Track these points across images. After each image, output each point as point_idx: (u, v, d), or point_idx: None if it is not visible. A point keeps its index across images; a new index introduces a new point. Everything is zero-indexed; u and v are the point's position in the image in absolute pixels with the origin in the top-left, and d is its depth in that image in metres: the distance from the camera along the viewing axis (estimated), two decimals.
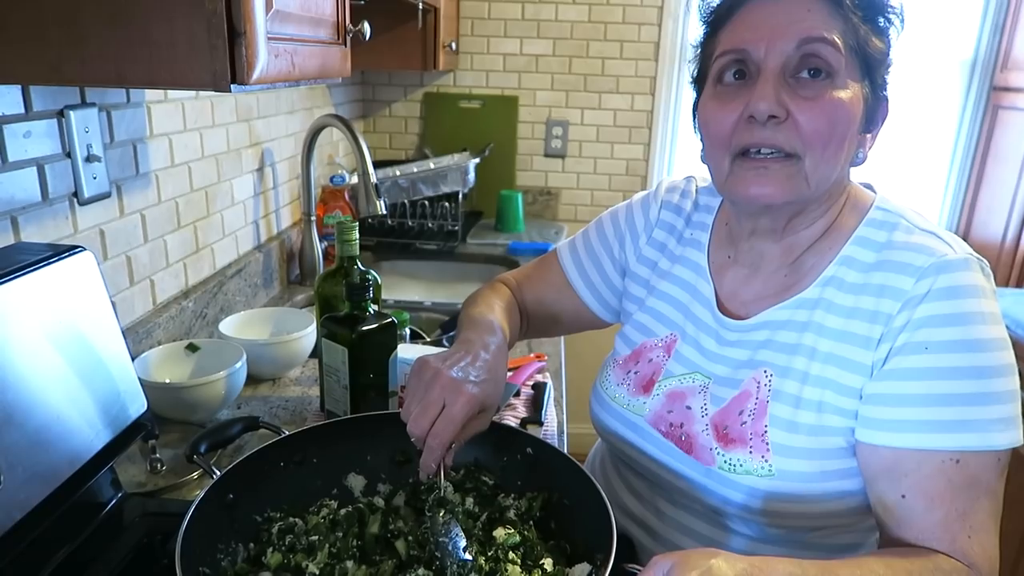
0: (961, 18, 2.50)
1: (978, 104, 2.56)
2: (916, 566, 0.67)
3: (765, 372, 0.82)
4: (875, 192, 0.87)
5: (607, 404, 0.96)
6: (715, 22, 0.82)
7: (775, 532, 0.83)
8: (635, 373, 0.94)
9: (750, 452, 0.80)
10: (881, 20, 0.77)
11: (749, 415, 0.82)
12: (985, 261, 0.77)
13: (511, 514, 0.77)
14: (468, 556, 0.68)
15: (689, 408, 0.87)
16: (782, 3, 0.76)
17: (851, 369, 0.77)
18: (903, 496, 0.72)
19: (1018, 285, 2.33)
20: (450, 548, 0.69)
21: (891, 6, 0.78)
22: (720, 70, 0.79)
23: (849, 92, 0.75)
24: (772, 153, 0.76)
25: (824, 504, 0.80)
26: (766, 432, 0.80)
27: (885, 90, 0.80)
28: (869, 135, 0.81)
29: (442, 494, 0.76)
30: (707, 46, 0.84)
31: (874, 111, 0.80)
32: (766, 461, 0.79)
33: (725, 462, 0.82)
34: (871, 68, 0.77)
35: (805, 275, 0.84)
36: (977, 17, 2.50)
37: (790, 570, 0.63)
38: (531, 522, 0.77)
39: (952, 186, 2.67)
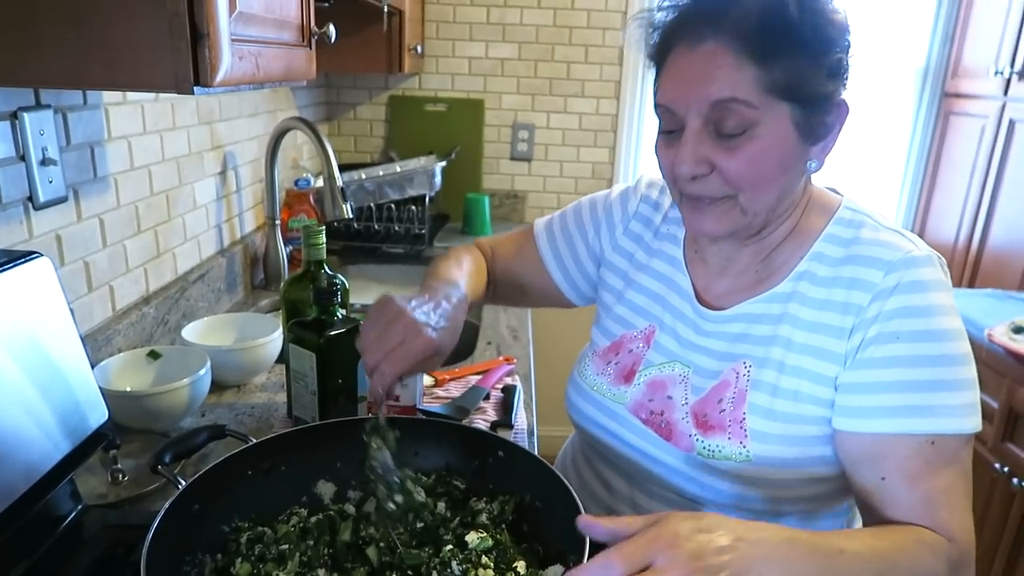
0: (913, 27, 2.58)
1: (930, 111, 2.64)
2: (900, 536, 0.71)
3: (744, 364, 0.86)
4: (841, 195, 0.91)
5: (587, 393, 0.98)
6: (656, 67, 0.84)
7: (750, 519, 0.84)
8: (615, 364, 0.96)
9: (728, 438, 0.83)
10: (809, 51, 0.75)
11: (728, 403, 0.85)
12: (943, 258, 0.82)
13: (483, 518, 0.77)
14: (397, 478, 0.74)
15: (670, 398, 0.89)
16: (698, 53, 0.76)
17: (825, 359, 0.81)
18: (883, 478, 0.76)
19: (970, 285, 2.41)
20: (380, 471, 0.74)
21: (821, 32, 0.75)
22: (659, 118, 0.83)
23: (772, 133, 0.76)
24: (710, 196, 0.80)
25: (798, 490, 0.83)
26: (744, 419, 0.83)
27: (832, 99, 0.79)
28: (818, 145, 0.81)
29: (380, 423, 0.78)
30: (654, 85, 0.85)
31: (815, 126, 0.79)
32: (744, 447, 0.82)
33: (704, 448, 0.85)
34: (798, 96, 0.76)
35: (776, 271, 0.87)
36: (928, 26, 2.57)
37: (784, 534, 0.64)
38: (503, 525, 0.77)
39: (907, 190, 2.75)
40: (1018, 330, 1.82)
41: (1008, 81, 2.25)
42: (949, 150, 2.59)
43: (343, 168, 2.21)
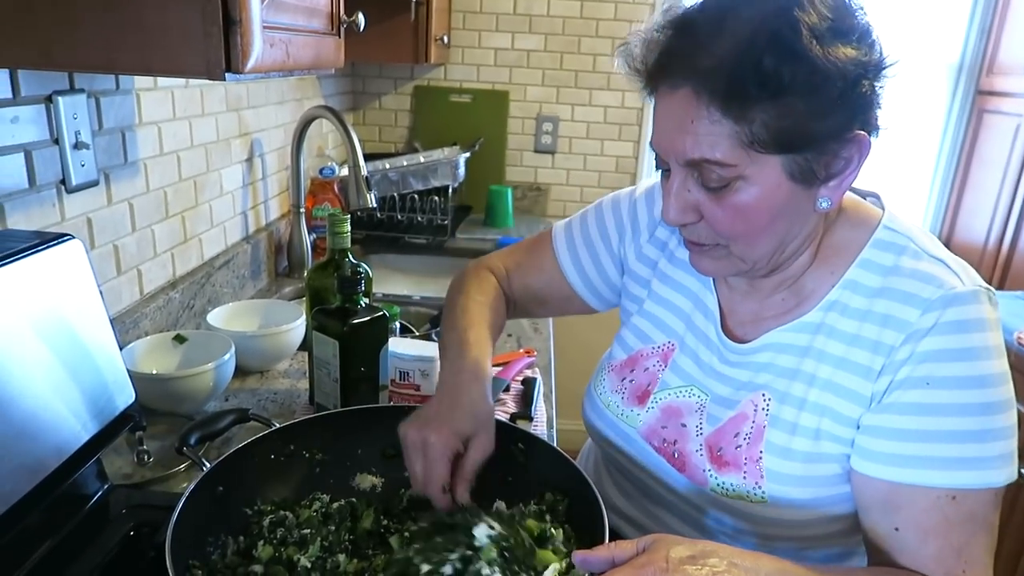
0: (948, 22, 2.53)
1: (963, 108, 2.59)
2: None
3: (764, 396, 0.81)
4: (883, 207, 0.83)
5: (600, 411, 0.95)
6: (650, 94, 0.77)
7: (764, 548, 0.82)
8: (630, 382, 0.93)
9: (744, 477, 0.80)
10: (791, 92, 0.65)
11: (745, 439, 0.81)
12: (992, 290, 0.75)
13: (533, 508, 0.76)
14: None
15: (684, 426, 0.86)
16: (676, 99, 0.70)
17: (850, 398, 0.76)
18: (896, 529, 0.72)
19: (1000, 287, 2.36)
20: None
21: (800, 71, 0.65)
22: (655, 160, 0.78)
23: (760, 185, 0.70)
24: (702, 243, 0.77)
25: (815, 528, 0.80)
26: (761, 458, 0.79)
27: (841, 136, 0.70)
28: (832, 182, 0.73)
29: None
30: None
31: (820, 167, 0.71)
32: (759, 487, 0.79)
33: (718, 485, 0.82)
34: (790, 146, 0.68)
35: (807, 298, 0.81)
36: (964, 21, 2.52)
37: (777, 565, 0.63)
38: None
39: (936, 189, 2.70)
40: None
41: None
42: (981, 148, 2.54)
43: (367, 157, 2.22)
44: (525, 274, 1.05)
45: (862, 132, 0.71)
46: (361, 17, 1.12)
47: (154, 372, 1.11)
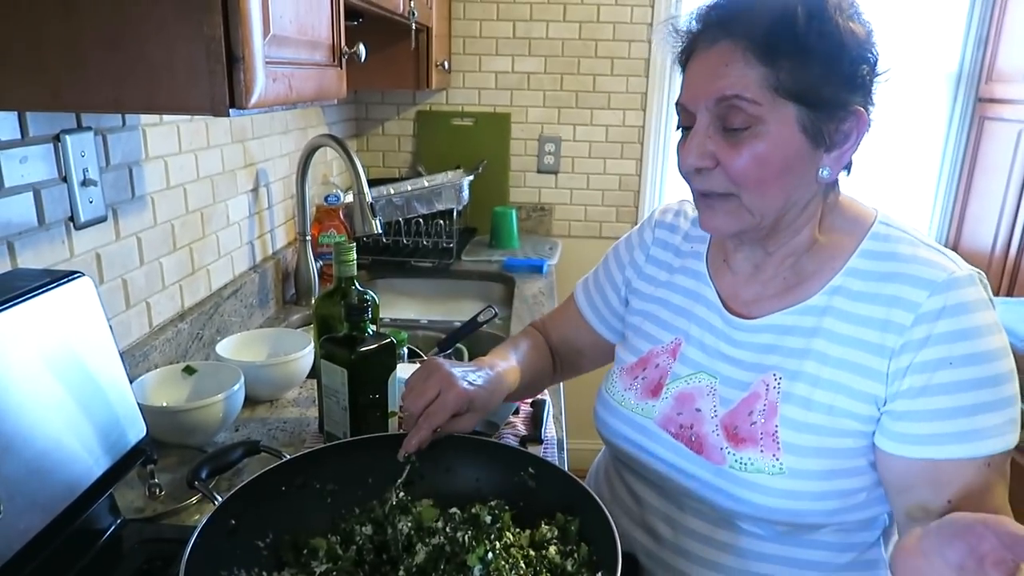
0: (946, 31, 2.54)
1: (964, 116, 2.60)
2: None
3: (775, 376, 0.85)
4: (875, 209, 0.91)
5: (614, 409, 0.98)
6: (682, 69, 0.88)
7: (783, 530, 0.85)
8: (643, 379, 0.96)
9: (761, 451, 0.83)
10: (814, 51, 0.76)
11: (759, 415, 0.85)
12: (983, 274, 0.82)
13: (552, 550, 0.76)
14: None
15: (699, 410, 0.89)
16: (711, 53, 0.80)
17: (864, 374, 0.81)
18: (949, 501, 0.76)
19: (1009, 294, 2.35)
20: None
21: (829, 36, 0.76)
22: (678, 116, 0.87)
23: (777, 133, 0.78)
24: (715, 193, 0.83)
25: (830, 502, 0.82)
26: (777, 431, 0.83)
27: (846, 108, 0.79)
28: (833, 152, 0.81)
29: (401, 479, 0.83)
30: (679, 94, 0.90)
31: (826, 132, 0.79)
32: (777, 459, 0.82)
33: (736, 461, 0.84)
34: (806, 99, 0.77)
35: (807, 280, 0.87)
36: (961, 30, 2.53)
37: None
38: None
39: (941, 197, 2.70)
40: None
41: None
42: (984, 156, 2.54)
43: (372, 183, 2.24)
44: (559, 326, 1.17)
45: (861, 109, 0.80)
46: (362, 48, 1.14)
47: (164, 405, 1.12)
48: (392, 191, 2.19)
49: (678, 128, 0.87)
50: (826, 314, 0.84)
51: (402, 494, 0.81)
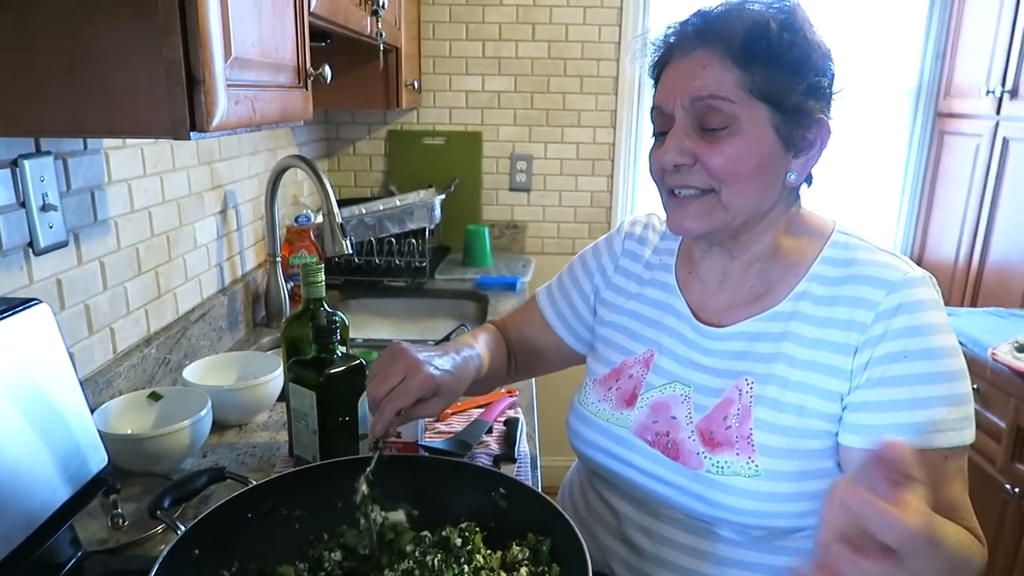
0: (905, 47, 2.61)
1: (925, 130, 2.66)
2: (964, 533, 0.74)
3: (747, 380, 0.88)
4: (833, 220, 0.94)
5: (589, 420, 0.98)
6: (655, 79, 0.92)
7: (759, 535, 0.86)
8: (617, 389, 0.98)
9: (737, 454, 0.85)
10: (786, 60, 0.82)
11: (734, 419, 0.87)
12: (934, 278, 0.86)
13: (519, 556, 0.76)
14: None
15: (674, 418, 0.91)
16: (687, 60, 0.85)
17: (830, 374, 0.83)
18: None
19: (972, 304, 2.40)
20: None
21: (798, 44, 0.82)
22: (653, 122, 0.90)
23: (752, 132, 0.82)
24: (691, 192, 0.86)
25: (801, 504, 0.83)
26: (751, 434, 0.85)
27: (811, 115, 0.84)
28: (800, 158, 0.86)
29: (369, 468, 0.80)
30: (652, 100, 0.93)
31: (795, 137, 0.84)
32: (752, 461, 0.84)
33: (713, 465, 0.86)
34: (777, 102, 0.82)
35: (773, 288, 0.90)
36: (919, 46, 2.60)
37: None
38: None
39: (905, 210, 2.76)
40: (1021, 348, 1.81)
41: (1000, 100, 2.27)
42: (945, 169, 2.61)
43: (344, 203, 2.23)
44: (519, 327, 1.17)
45: (824, 118, 0.85)
46: (328, 70, 1.14)
47: (128, 432, 1.09)
48: (364, 211, 2.19)
49: (653, 135, 0.90)
50: (793, 319, 0.87)
51: (365, 489, 0.79)
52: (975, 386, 1.92)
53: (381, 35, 1.66)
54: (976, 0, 2.42)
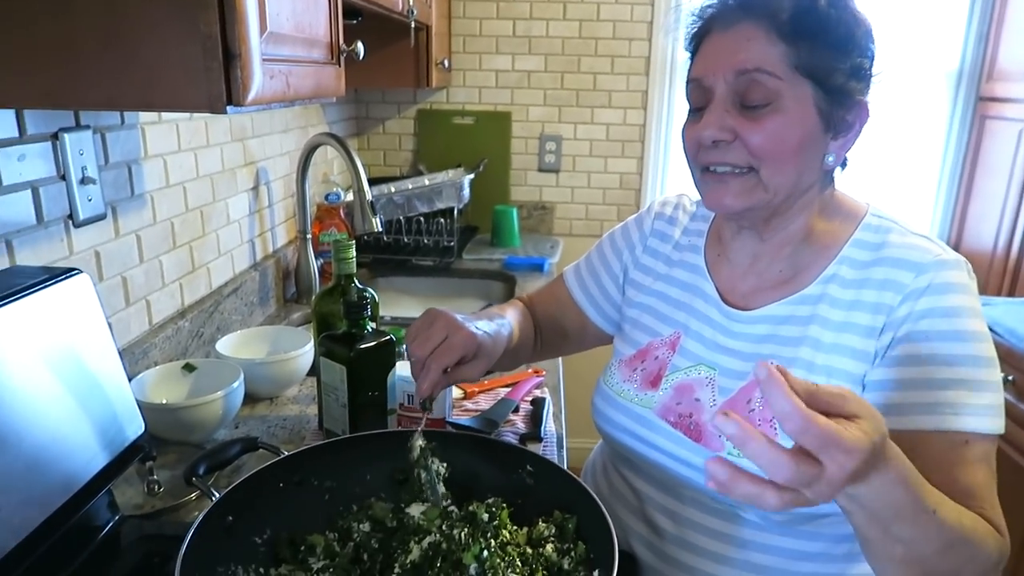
0: (946, 29, 2.53)
1: (965, 115, 2.59)
2: (971, 517, 0.71)
3: (772, 363, 0.84)
4: (868, 204, 0.92)
5: (613, 400, 0.98)
6: (692, 53, 0.90)
7: (782, 519, 0.86)
8: (642, 370, 0.97)
9: None
10: (832, 38, 0.80)
11: (758, 402, 0.84)
12: (969, 264, 0.84)
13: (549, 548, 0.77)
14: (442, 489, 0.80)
15: (698, 400, 0.90)
16: (730, 33, 0.82)
17: (855, 357, 0.82)
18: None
19: (1010, 294, 2.34)
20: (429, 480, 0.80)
21: (846, 22, 0.81)
22: (688, 97, 0.88)
23: (795, 110, 0.80)
24: (729, 170, 0.83)
25: None
26: (774, 417, 0.82)
27: (853, 96, 0.83)
28: (839, 139, 0.84)
29: (422, 426, 0.83)
30: (688, 73, 0.90)
31: (836, 117, 0.83)
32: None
33: (735, 447, 0.83)
34: (822, 81, 0.80)
35: (802, 272, 0.89)
36: (962, 28, 2.52)
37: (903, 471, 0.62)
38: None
39: (942, 197, 2.69)
40: None
41: None
42: (985, 155, 2.54)
43: (373, 182, 2.24)
44: (546, 305, 1.17)
45: (865, 100, 0.83)
46: (360, 46, 1.14)
47: (164, 402, 1.12)
48: (393, 189, 2.19)
49: (689, 111, 0.88)
50: (821, 302, 0.86)
51: (423, 443, 0.81)
52: (1010, 376, 1.89)
53: (412, 12, 1.65)
54: None
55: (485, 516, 0.77)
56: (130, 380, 1.09)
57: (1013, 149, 2.35)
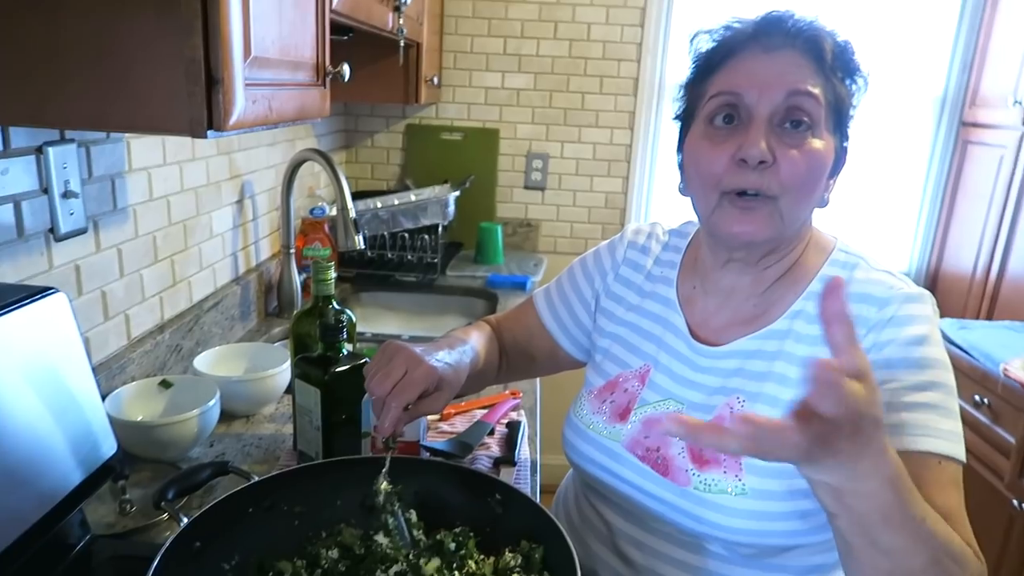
0: (931, 55, 2.58)
1: (948, 139, 2.63)
2: (955, 536, 0.71)
3: (738, 398, 0.87)
4: (836, 238, 0.94)
5: (583, 432, 0.98)
6: (708, 67, 0.88)
7: (749, 553, 0.86)
8: (611, 403, 0.97)
9: (724, 472, 0.84)
10: (852, 81, 0.85)
11: None
12: (933, 297, 0.85)
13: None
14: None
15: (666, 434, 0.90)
16: (774, 57, 0.82)
17: None
18: None
19: (988, 317, 2.38)
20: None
21: (860, 70, 0.86)
22: (712, 111, 0.84)
23: (824, 142, 0.82)
24: (757, 194, 0.82)
25: (792, 523, 0.83)
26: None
27: (847, 141, 0.88)
28: (832, 180, 0.88)
29: (386, 468, 0.81)
30: (697, 87, 0.89)
31: (838, 160, 0.87)
32: (739, 480, 0.83)
33: (700, 482, 0.85)
34: (840, 121, 0.85)
35: (773, 305, 0.90)
36: (947, 55, 2.57)
37: (894, 470, 0.63)
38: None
39: (924, 220, 2.73)
40: None
41: None
42: (967, 180, 2.58)
43: (360, 195, 2.25)
44: (513, 329, 1.16)
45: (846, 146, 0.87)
46: (346, 68, 1.15)
47: (139, 419, 1.12)
48: (379, 205, 2.20)
49: (721, 119, 0.84)
50: (787, 337, 0.87)
51: (388, 486, 0.80)
52: (986, 400, 1.91)
53: (402, 31, 1.66)
54: (1006, 11, 2.39)
55: (452, 545, 0.77)
56: (106, 396, 1.09)
57: (993, 174, 2.40)
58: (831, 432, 0.56)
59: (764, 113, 0.80)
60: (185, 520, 0.74)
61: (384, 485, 0.80)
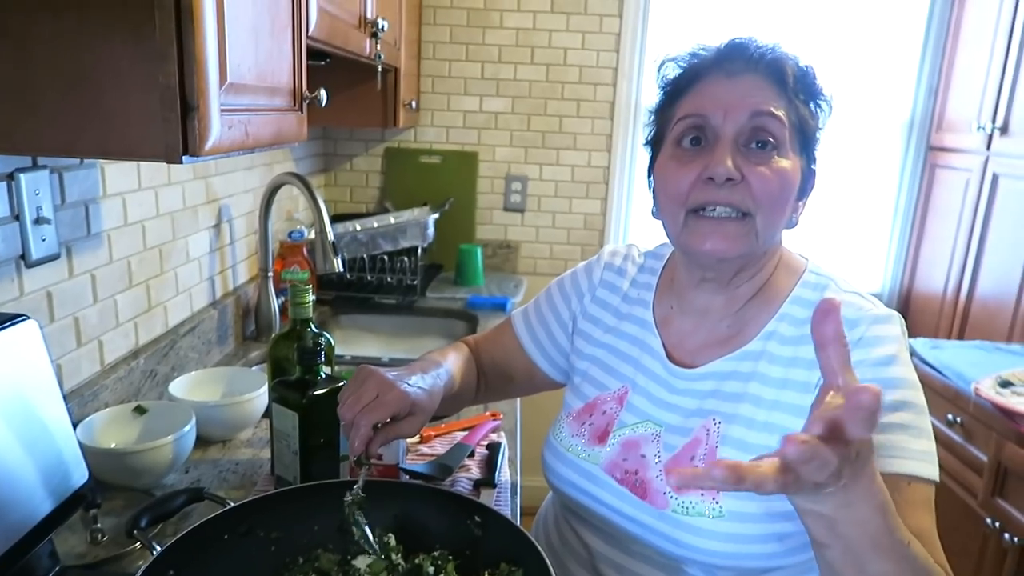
0: (899, 81, 2.64)
1: (916, 163, 2.69)
2: (930, 560, 0.70)
3: (714, 420, 0.88)
4: (807, 259, 0.96)
5: (562, 455, 0.99)
6: (675, 92, 0.91)
7: (728, 575, 0.86)
8: (590, 425, 0.98)
9: (701, 495, 0.84)
10: (815, 104, 0.88)
11: (700, 459, 0.86)
12: (902, 318, 0.87)
13: None
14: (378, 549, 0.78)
15: (643, 456, 0.91)
16: (737, 81, 0.85)
17: (794, 413, 0.84)
18: None
19: (960, 336, 2.42)
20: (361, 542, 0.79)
21: (823, 94, 0.89)
22: (680, 134, 0.88)
23: (790, 162, 0.85)
24: (727, 213, 0.84)
25: (771, 545, 0.83)
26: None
27: (815, 164, 0.90)
28: (801, 202, 0.91)
29: (358, 496, 0.80)
30: (665, 112, 0.92)
31: (806, 181, 0.90)
32: (716, 502, 0.83)
33: (679, 505, 0.85)
34: (806, 144, 0.88)
35: (747, 325, 0.91)
36: (913, 80, 2.64)
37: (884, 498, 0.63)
38: None
39: (896, 242, 2.78)
40: (1004, 384, 1.83)
41: (991, 136, 2.30)
42: (936, 202, 2.63)
43: (339, 218, 2.25)
44: (491, 350, 1.17)
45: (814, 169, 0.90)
46: (323, 93, 1.15)
47: (112, 446, 1.10)
48: (358, 227, 2.20)
49: (688, 141, 0.86)
50: (761, 358, 0.88)
51: (349, 498, 0.80)
52: (958, 419, 1.94)
53: (380, 56, 1.68)
54: (969, 37, 2.46)
55: (431, 569, 0.77)
56: (78, 424, 1.07)
57: (961, 197, 2.45)
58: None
59: (730, 134, 0.83)
60: (158, 548, 0.73)
61: (347, 498, 0.80)
